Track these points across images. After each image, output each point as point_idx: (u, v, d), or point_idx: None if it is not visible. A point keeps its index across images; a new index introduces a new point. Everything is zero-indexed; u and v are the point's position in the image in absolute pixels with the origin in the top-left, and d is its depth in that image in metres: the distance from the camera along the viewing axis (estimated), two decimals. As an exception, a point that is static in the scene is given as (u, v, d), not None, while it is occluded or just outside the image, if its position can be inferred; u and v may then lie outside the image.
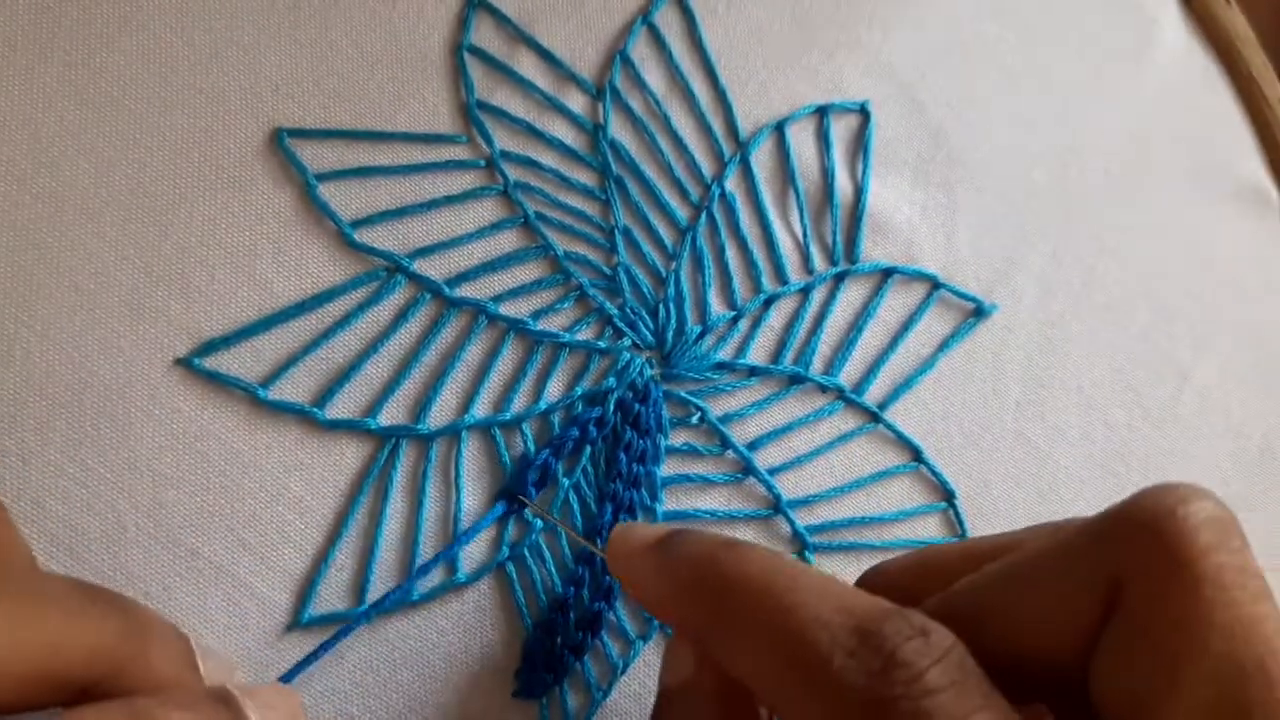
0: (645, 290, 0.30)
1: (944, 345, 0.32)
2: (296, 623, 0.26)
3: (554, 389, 0.28)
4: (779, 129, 0.31)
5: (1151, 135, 0.36)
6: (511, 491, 0.27)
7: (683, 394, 0.29)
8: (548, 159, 0.29)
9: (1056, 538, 0.21)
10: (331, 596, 0.26)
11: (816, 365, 0.30)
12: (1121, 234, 0.34)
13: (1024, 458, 0.31)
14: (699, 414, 0.29)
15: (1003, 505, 0.31)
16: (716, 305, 0.30)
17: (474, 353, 0.28)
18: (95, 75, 0.27)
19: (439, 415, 0.27)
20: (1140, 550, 0.20)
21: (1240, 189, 0.36)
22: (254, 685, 0.20)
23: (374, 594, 0.26)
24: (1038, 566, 0.21)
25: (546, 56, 0.30)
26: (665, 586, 0.23)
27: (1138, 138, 0.35)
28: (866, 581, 0.25)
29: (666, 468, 0.29)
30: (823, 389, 0.30)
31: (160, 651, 0.20)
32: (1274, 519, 0.34)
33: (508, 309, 0.28)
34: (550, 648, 0.27)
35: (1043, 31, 0.35)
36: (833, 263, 0.31)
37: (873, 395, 0.31)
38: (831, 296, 0.31)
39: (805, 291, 0.31)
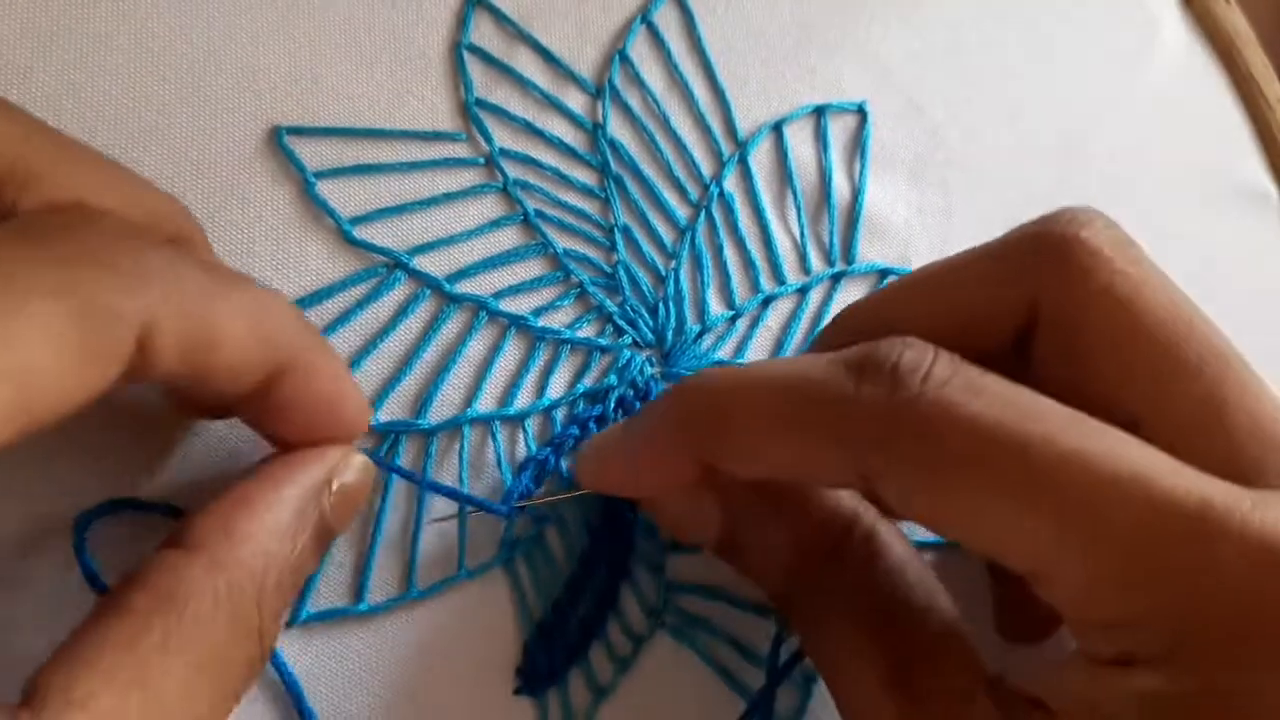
0: (645, 288, 0.30)
1: (942, 344, 0.32)
2: (294, 620, 0.26)
3: (556, 386, 0.28)
4: (777, 129, 0.31)
5: (1151, 135, 0.36)
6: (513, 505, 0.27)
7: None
8: (547, 157, 0.30)
9: (971, 251, 0.25)
10: (330, 594, 0.26)
11: (815, 364, 0.30)
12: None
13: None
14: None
15: (1000, 504, 0.31)
16: (715, 304, 0.30)
17: (475, 349, 0.28)
18: (93, 74, 0.27)
19: (439, 411, 0.27)
20: (1054, 269, 0.23)
21: (1240, 189, 0.36)
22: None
23: (373, 591, 0.26)
24: (959, 278, 0.25)
25: (545, 55, 0.30)
26: (650, 445, 0.24)
27: (1137, 137, 0.35)
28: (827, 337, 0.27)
29: (665, 466, 0.29)
30: (821, 388, 0.30)
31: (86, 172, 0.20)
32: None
33: (508, 305, 0.28)
34: (552, 646, 0.27)
35: (1041, 31, 0.35)
36: (830, 263, 0.31)
37: (871, 394, 0.31)
38: (828, 297, 0.31)
39: (802, 292, 0.31)
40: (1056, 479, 0.19)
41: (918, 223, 0.32)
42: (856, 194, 0.32)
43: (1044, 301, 0.23)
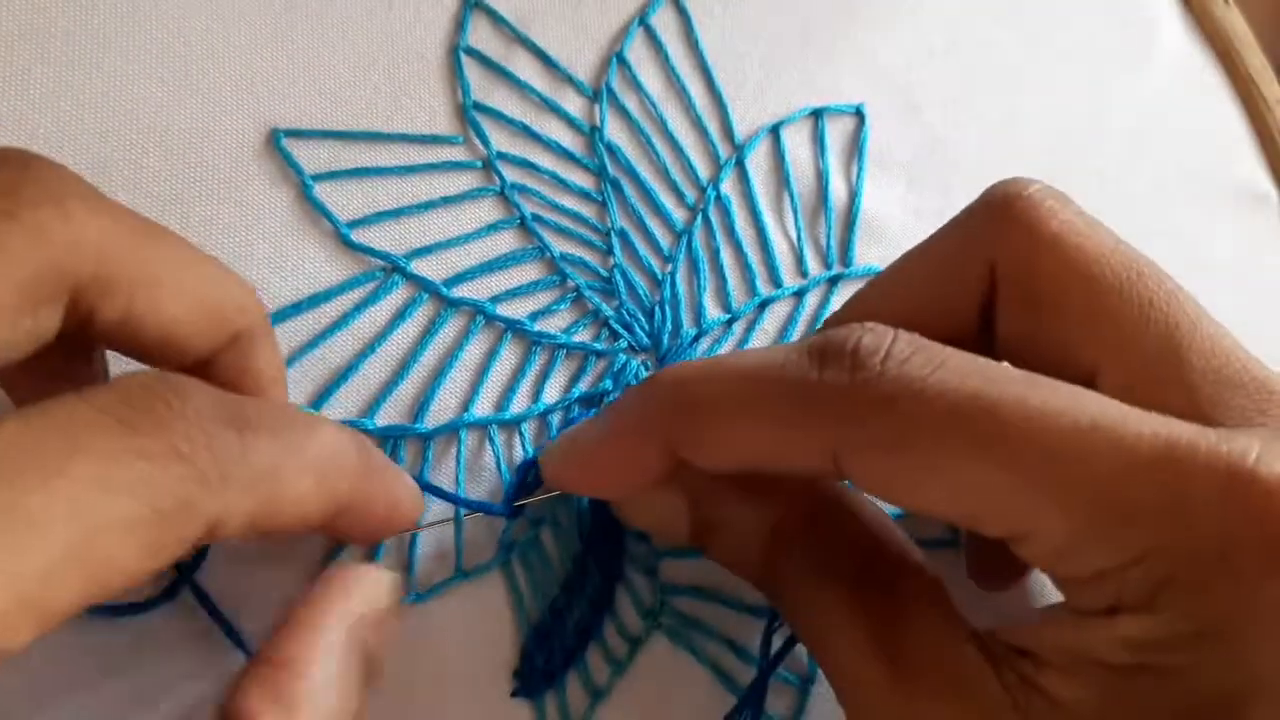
0: (641, 292, 0.30)
1: (939, 347, 0.32)
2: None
3: (552, 390, 0.28)
4: (774, 132, 0.31)
5: (1150, 136, 0.36)
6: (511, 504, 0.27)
7: (678, 396, 0.29)
8: (544, 160, 0.30)
9: (930, 238, 0.26)
10: (327, 597, 0.26)
11: (812, 367, 0.31)
12: (1120, 234, 0.34)
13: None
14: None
15: (996, 507, 0.31)
16: (711, 308, 0.30)
17: (472, 353, 0.28)
18: (91, 75, 0.27)
19: (436, 415, 0.27)
20: (1004, 230, 0.24)
21: (1239, 189, 0.36)
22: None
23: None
24: (918, 265, 0.26)
25: (543, 58, 0.30)
26: (618, 438, 0.24)
27: (1136, 138, 0.35)
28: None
29: (661, 470, 0.29)
30: (818, 391, 0.30)
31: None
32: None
33: (505, 309, 0.28)
34: (549, 648, 0.27)
35: (1040, 32, 0.35)
36: (827, 266, 0.31)
37: (868, 397, 0.31)
38: (825, 300, 0.31)
39: (799, 295, 0.31)
40: (1025, 436, 0.19)
41: (915, 225, 0.32)
42: (854, 196, 0.32)
43: (999, 261, 0.24)
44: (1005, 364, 0.21)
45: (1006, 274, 0.24)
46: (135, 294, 0.20)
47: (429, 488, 0.26)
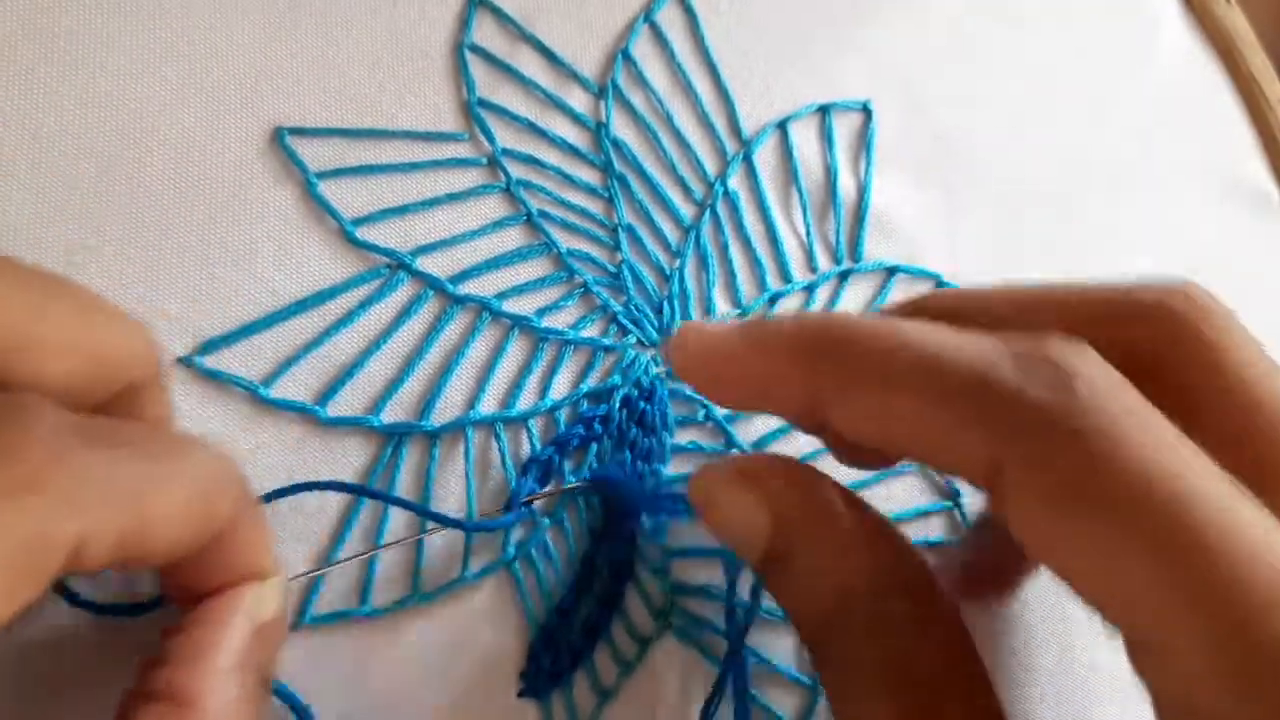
0: (649, 288, 0.29)
1: (947, 344, 0.31)
2: (299, 622, 0.25)
3: (559, 386, 0.28)
4: (782, 127, 0.31)
5: (1152, 135, 0.36)
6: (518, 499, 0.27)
7: (688, 392, 0.29)
8: (550, 157, 0.29)
9: (1084, 296, 0.23)
10: (334, 596, 0.26)
11: (820, 364, 0.30)
12: (1122, 233, 0.34)
13: (1027, 457, 0.31)
14: (704, 412, 0.29)
15: (1007, 504, 0.31)
16: (721, 303, 0.30)
17: (478, 350, 0.28)
18: (95, 74, 0.26)
19: (443, 413, 0.27)
20: (1159, 322, 0.22)
21: (1240, 189, 0.36)
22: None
23: (377, 594, 0.26)
24: (1071, 302, 0.23)
25: (548, 55, 0.30)
26: (768, 363, 0.22)
27: (1138, 137, 0.35)
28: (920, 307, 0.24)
29: (672, 466, 0.28)
30: (827, 387, 0.30)
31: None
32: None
33: (511, 306, 0.28)
34: (556, 648, 0.26)
35: (1045, 31, 0.35)
36: (836, 261, 0.31)
37: (877, 394, 0.31)
38: (835, 295, 0.31)
39: (809, 290, 0.31)
40: (1213, 553, 0.17)
41: (924, 220, 0.32)
42: (862, 192, 0.32)
43: (1142, 357, 0.21)
44: (1209, 459, 0.18)
45: (1155, 371, 0.21)
46: (7, 354, 0.18)
47: (394, 500, 0.25)
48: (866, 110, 0.32)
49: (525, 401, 0.28)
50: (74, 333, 0.19)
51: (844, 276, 0.31)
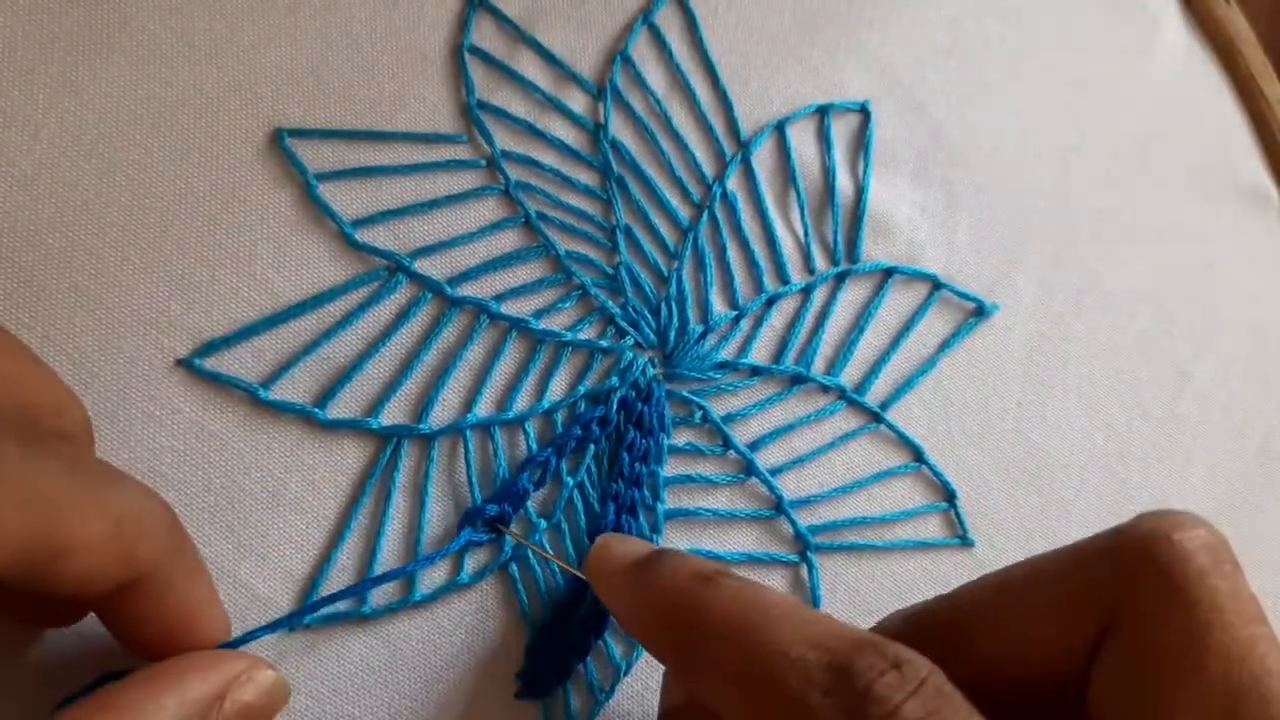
0: (647, 289, 0.29)
1: (945, 345, 0.31)
2: (297, 624, 0.25)
3: (557, 388, 0.28)
4: (780, 129, 0.31)
5: (1152, 135, 0.36)
6: (484, 518, 0.27)
7: (685, 393, 0.29)
8: (549, 159, 0.29)
9: (1050, 558, 0.22)
10: (333, 597, 0.26)
11: (818, 365, 0.30)
12: (1122, 234, 0.34)
13: (1024, 458, 0.31)
14: (701, 413, 0.29)
15: (1003, 505, 0.31)
16: (718, 305, 0.30)
17: (476, 352, 0.28)
18: (95, 76, 0.26)
19: (441, 415, 0.27)
20: (1137, 575, 0.20)
21: (1240, 189, 0.36)
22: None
23: (376, 594, 0.26)
24: (1031, 585, 0.22)
25: (547, 56, 0.30)
26: (641, 613, 0.23)
27: (1138, 137, 0.35)
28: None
29: (669, 467, 0.29)
30: (824, 389, 0.30)
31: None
32: (1274, 519, 0.33)
33: (509, 308, 0.28)
34: (553, 649, 0.27)
35: (1043, 31, 0.35)
36: (834, 262, 0.31)
37: (874, 395, 0.31)
38: (833, 296, 0.31)
39: (806, 291, 0.31)
40: None
41: (922, 221, 0.32)
42: (860, 193, 0.32)
43: (1121, 609, 0.20)
44: None
45: (1122, 629, 0.20)
46: (43, 564, 0.18)
47: (334, 598, 0.25)
48: (865, 111, 0.32)
49: (523, 403, 0.28)
50: (94, 529, 0.19)
51: (841, 277, 0.31)
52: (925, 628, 0.22)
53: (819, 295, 0.31)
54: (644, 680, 0.27)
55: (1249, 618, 0.20)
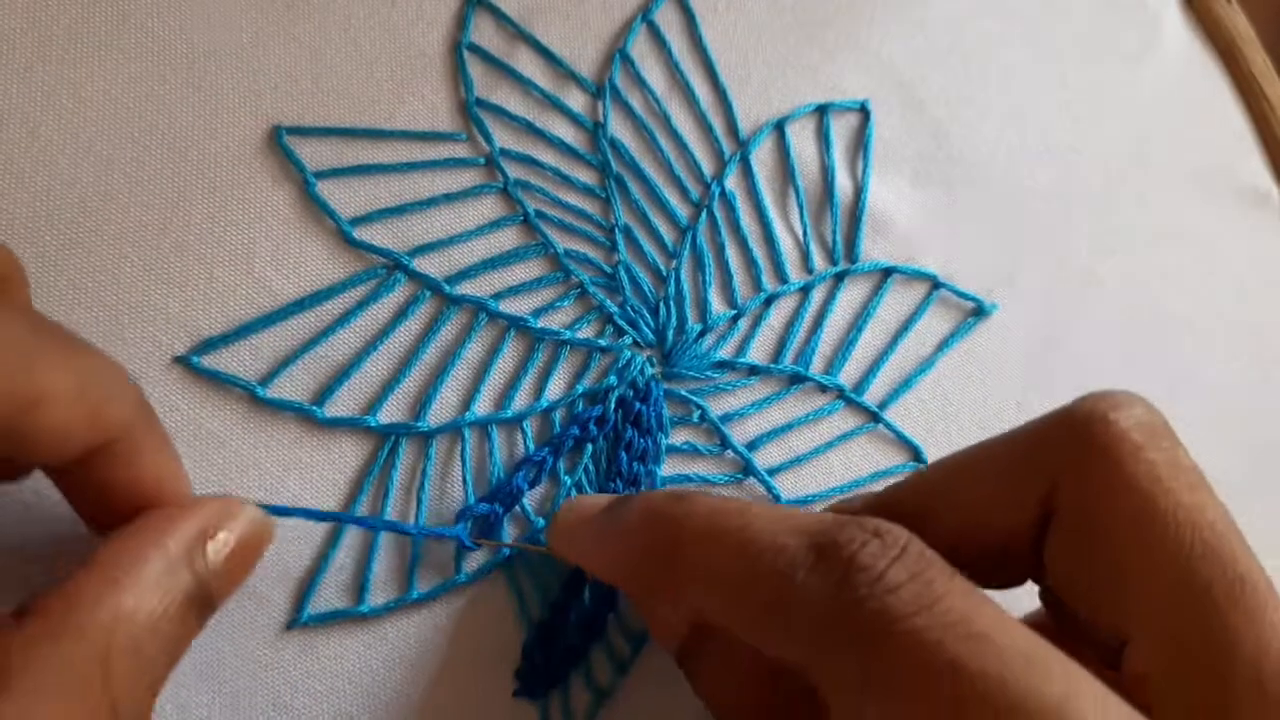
0: (646, 288, 0.29)
1: (944, 345, 0.31)
2: (295, 622, 0.25)
3: (555, 387, 0.28)
4: (779, 128, 0.31)
5: (1152, 134, 0.36)
6: (475, 516, 0.27)
7: (683, 393, 0.29)
8: (547, 157, 0.29)
9: (1001, 439, 0.23)
10: (331, 595, 0.26)
11: (816, 364, 0.30)
12: (1121, 233, 0.34)
13: (1024, 457, 0.31)
14: (699, 413, 0.29)
15: (1003, 505, 0.31)
16: (717, 304, 0.30)
17: (474, 350, 0.28)
18: (93, 73, 0.26)
19: (439, 413, 0.27)
20: (1076, 454, 0.21)
21: (1240, 188, 0.36)
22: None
23: (374, 593, 0.26)
24: (982, 463, 0.23)
25: (546, 55, 0.30)
26: (617, 548, 0.23)
27: (1138, 137, 0.35)
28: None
29: (667, 467, 0.29)
30: (823, 388, 0.30)
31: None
32: (1273, 517, 0.33)
33: (508, 306, 0.28)
34: (551, 648, 0.27)
35: (1043, 30, 0.35)
36: (833, 262, 0.31)
37: (872, 395, 0.31)
38: (831, 296, 0.31)
39: (805, 290, 0.31)
40: None
41: (921, 220, 0.32)
42: (859, 192, 0.32)
43: (1061, 488, 0.22)
44: (1007, 626, 0.18)
45: (1065, 505, 0.22)
46: (21, 407, 0.18)
47: (388, 525, 0.26)
48: (864, 110, 0.32)
49: (521, 402, 0.28)
50: (62, 382, 0.19)
51: (840, 277, 0.31)
52: (889, 509, 0.23)
53: (818, 295, 0.31)
54: (644, 679, 0.27)
55: (1191, 485, 0.21)
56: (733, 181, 0.31)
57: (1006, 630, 0.18)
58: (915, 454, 0.30)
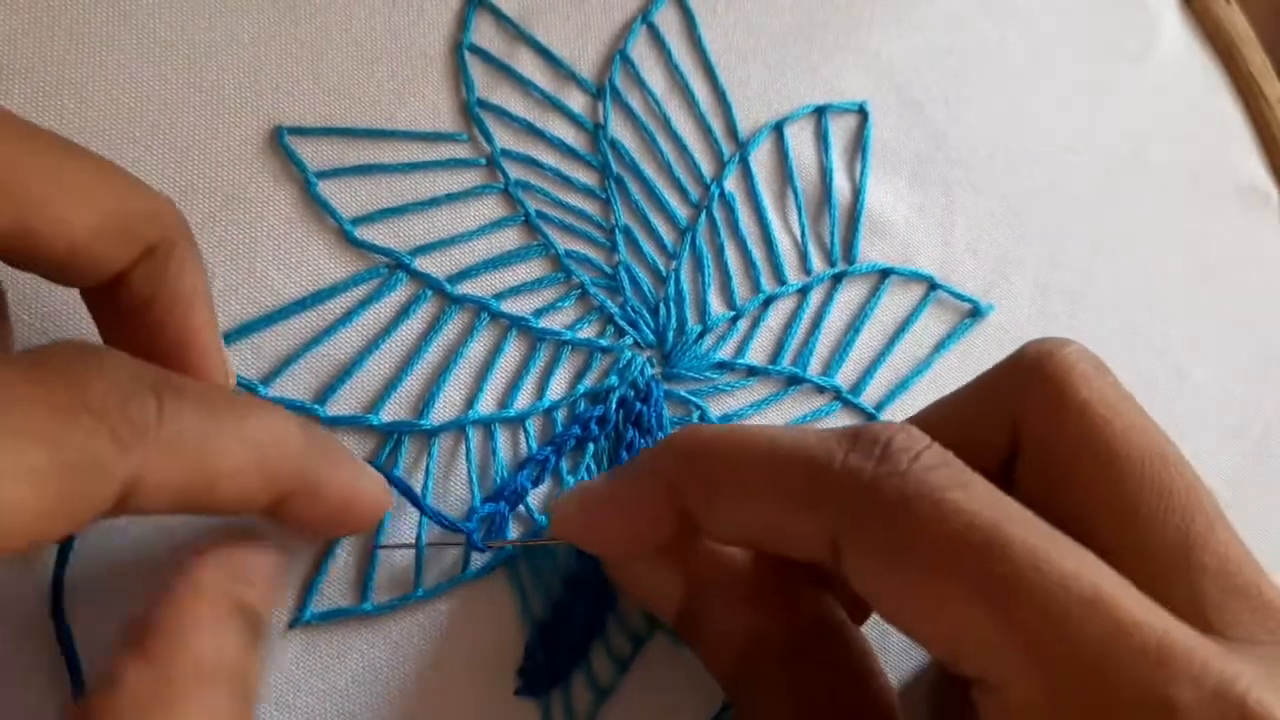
0: (646, 289, 0.30)
1: (941, 346, 0.32)
2: (298, 620, 0.26)
3: (557, 387, 0.28)
4: (778, 129, 0.31)
5: (1151, 135, 0.36)
6: (480, 515, 0.27)
7: (683, 393, 0.29)
8: (548, 158, 0.30)
9: (965, 387, 0.25)
10: (333, 594, 0.26)
11: (814, 366, 0.31)
12: (1120, 234, 0.34)
13: (1022, 457, 0.31)
14: (699, 413, 0.29)
15: (1000, 504, 0.31)
16: (716, 305, 0.30)
17: (476, 350, 0.28)
18: (94, 73, 0.27)
19: (441, 412, 0.27)
20: (1032, 388, 0.23)
21: (1240, 189, 0.36)
22: None
23: (376, 592, 0.26)
24: (943, 418, 0.25)
25: (546, 55, 0.30)
26: (641, 483, 0.24)
27: (1137, 137, 0.35)
28: None
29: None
30: (820, 389, 0.30)
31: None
32: (1272, 516, 0.34)
33: (509, 306, 0.28)
34: (553, 646, 0.27)
35: (1042, 31, 0.35)
36: (830, 263, 0.31)
37: (870, 396, 0.31)
38: (829, 297, 0.31)
39: (803, 292, 0.31)
40: (1029, 587, 0.18)
41: (919, 222, 0.32)
42: (857, 194, 0.32)
43: (1023, 422, 0.23)
44: (1029, 511, 0.20)
45: (1029, 436, 0.23)
46: (29, 206, 0.19)
47: (399, 485, 0.26)
48: (863, 111, 0.32)
49: (523, 401, 0.28)
50: (93, 189, 0.20)
51: (838, 278, 0.31)
52: None
53: (815, 296, 0.31)
54: (644, 678, 0.28)
55: (1138, 409, 0.23)
56: (732, 183, 0.31)
57: (1033, 517, 0.20)
58: (913, 453, 0.31)
